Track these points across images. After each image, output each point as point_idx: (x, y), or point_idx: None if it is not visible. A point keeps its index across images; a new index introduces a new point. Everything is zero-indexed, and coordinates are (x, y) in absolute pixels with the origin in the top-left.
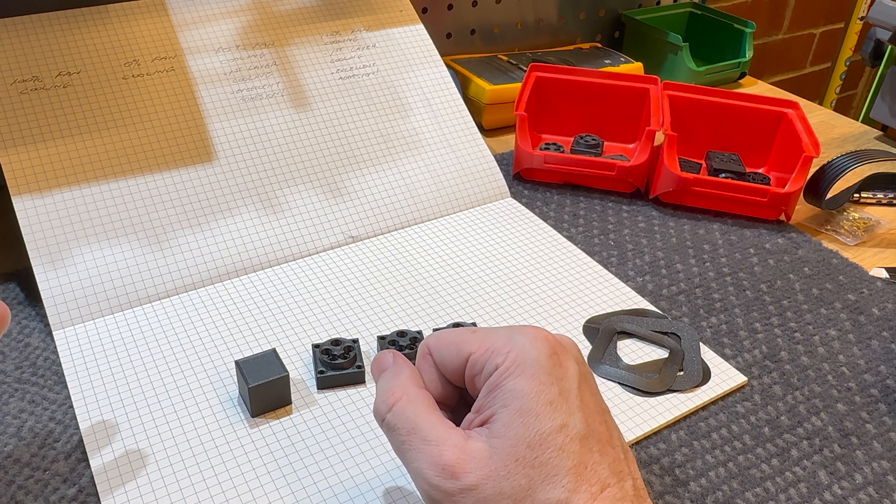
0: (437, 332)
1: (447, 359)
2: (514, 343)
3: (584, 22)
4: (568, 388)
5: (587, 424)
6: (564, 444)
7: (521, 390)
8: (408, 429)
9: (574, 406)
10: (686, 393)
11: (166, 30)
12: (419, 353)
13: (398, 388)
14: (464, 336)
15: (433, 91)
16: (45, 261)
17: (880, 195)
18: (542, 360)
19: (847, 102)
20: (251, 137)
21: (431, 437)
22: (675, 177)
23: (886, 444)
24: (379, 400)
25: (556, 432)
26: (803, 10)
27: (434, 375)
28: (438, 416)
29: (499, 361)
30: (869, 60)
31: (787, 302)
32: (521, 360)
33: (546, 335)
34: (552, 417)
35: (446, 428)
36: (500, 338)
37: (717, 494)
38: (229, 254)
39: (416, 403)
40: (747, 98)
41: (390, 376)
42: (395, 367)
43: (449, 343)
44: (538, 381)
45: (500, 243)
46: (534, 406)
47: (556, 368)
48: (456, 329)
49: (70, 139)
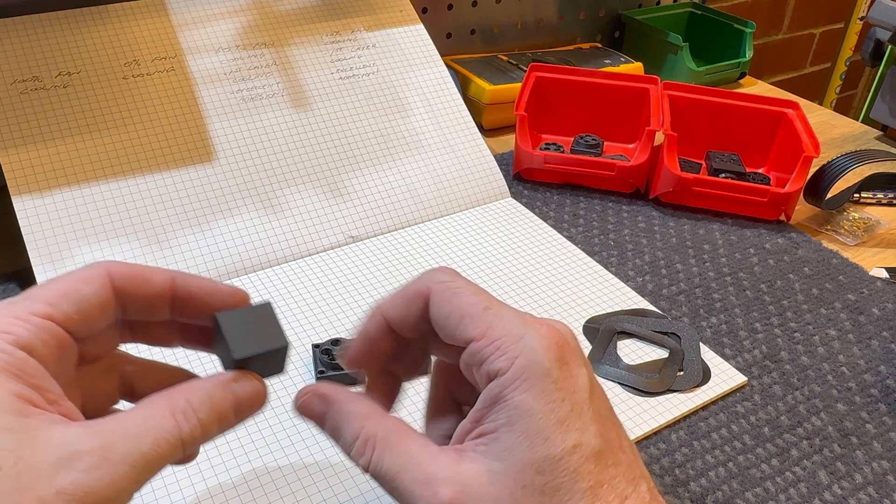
0: (440, 275)
1: (442, 321)
2: (524, 345)
3: (584, 22)
4: (580, 401)
5: (602, 438)
6: (579, 466)
7: (528, 408)
8: (392, 476)
9: (587, 420)
10: (686, 393)
11: (166, 30)
12: (408, 291)
13: (362, 436)
14: (472, 308)
15: (433, 91)
16: (45, 261)
17: (880, 195)
18: (552, 371)
19: (847, 102)
20: (251, 137)
21: (420, 476)
22: (675, 177)
23: (886, 444)
24: (353, 454)
25: (570, 454)
26: (803, 10)
27: (405, 317)
28: (418, 443)
29: (503, 366)
30: (869, 60)
31: (787, 302)
32: (528, 372)
33: (556, 336)
34: (564, 438)
35: (433, 457)
36: (508, 331)
37: (717, 494)
38: (229, 254)
39: (391, 444)
40: (747, 98)
41: (345, 423)
42: (338, 410)
43: (453, 309)
44: (547, 397)
45: (500, 243)
46: (542, 427)
47: (567, 380)
48: (463, 289)
49: (70, 139)
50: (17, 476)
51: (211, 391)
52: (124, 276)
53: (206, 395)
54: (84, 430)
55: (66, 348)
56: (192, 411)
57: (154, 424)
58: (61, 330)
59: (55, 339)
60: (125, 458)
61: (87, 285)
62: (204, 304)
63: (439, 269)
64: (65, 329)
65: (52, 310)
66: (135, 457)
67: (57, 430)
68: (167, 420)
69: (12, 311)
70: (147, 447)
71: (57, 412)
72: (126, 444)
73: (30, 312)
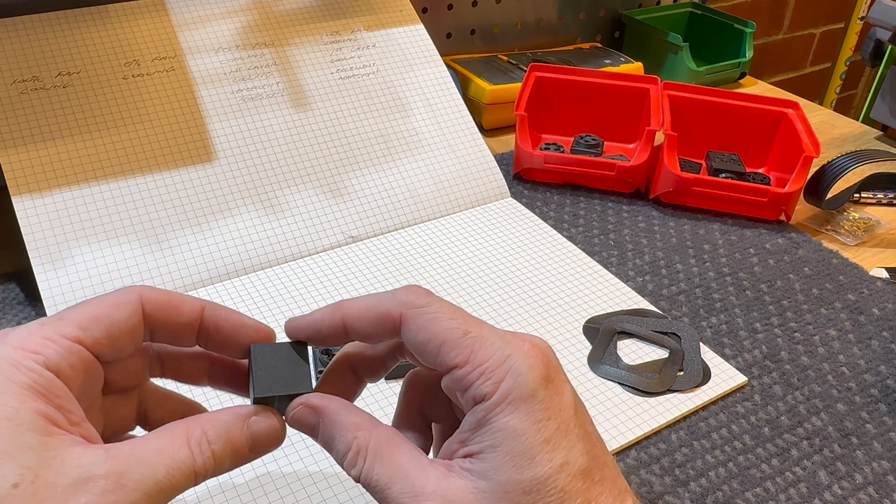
0: (413, 298)
1: (420, 347)
2: (508, 368)
3: (584, 22)
4: (566, 419)
5: (588, 455)
6: (566, 485)
7: (514, 429)
8: (382, 486)
9: (573, 438)
10: (686, 393)
11: (166, 30)
12: (377, 310)
13: (353, 447)
14: (451, 334)
15: (433, 91)
16: (45, 261)
17: (880, 195)
18: (538, 392)
19: (847, 102)
20: (251, 137)
21: (408, 489)
22: (675, 177)
23: (886, 444)
24: (345, 464)
25: (556, 473)
26: (803, 10)
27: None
28: (408, 455)
29: (488, 390)
30: (869, 60)
31: (787, 302)
32: (514, 395)
33: (541, 355)
34: (550, 458)
35: (421, 469)
36: (491, 354)
37: (717, 494)
38: (229, 254)
39: (382, 455)
40: (747, 98)
41: (337, 434)
42: (330, 421)
43: (431, 336)
44: (533, 417)
45: (500, 243)
46: (528, 447)
47: (552, 398)
48: (439, 313)
49: (70, 139)
50: (33, 494)
51: (228, 424)
52: (156, 303)
53: (223, 429)
54: (102, 454)
55: (91, 372)
56: (208, 443)
57: (170, 454)
58: (89, 354)
59: (82, 363)
60: (139, 486)
61: (118, 311)
62: (230, 336)
63: (411, 290)
64: (92, 353)
65: (82, 333)
66: (149, 485)
67: (76, 452)
68: (183, 450)
69: (43, 331)
70: (161, 475)
71: (78, 434)
72: (141, 472)
73: (60, 335)
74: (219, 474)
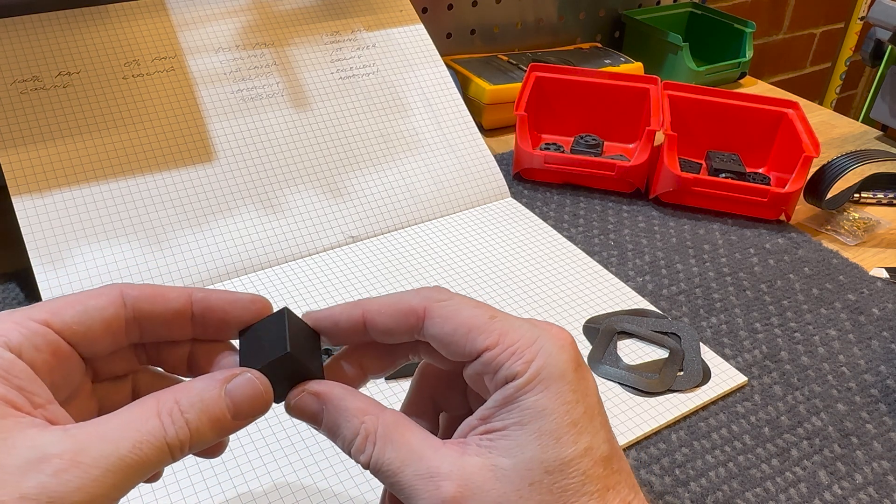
0: (436, 294)
1: (447, 338)
2: (539, 348)
3: (584, 22)
4: (592, 405)
5: (610, 444)
6: (588, 470)
7: (543, 409)
8: (394, 471)
9: (598, 424)
10: (686, 393)
11: (166, 30)
12: (400, 305)
13: (362, 432)
14: (478, 321)
15: (433, 91)
16: (45, 261)
17: (880, 195)
18: (568, 373)
19: (847, 102)
20: (251, 137)
21: (422, 471)
22: (675, 177)
23: (886, 444)
24: (353, 451)
25: (581, 456)
26: (803, 10)
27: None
28: (419, 436)
29: (519, 369)
30: (869, 60)
31: (787, 302)
32: (546, 374)
33: (571, 341)
34: (576, 440)
35: (435, 450)
36: (522, 336)
37: (718, 494)
38: (229, 254)
39: (392, 438)
40: (747, 98)
41: (343, 420)
42: (335, 407)
43: (458, 324)
44: (562, 398)
45: (500, 243)
46: (555, 427)
47: (581, 383)
48: (463, 303)
49: (70, 139)
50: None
51: (202, 391)
52: (138, 295)
53: (197, 396)
54: (59, 434)
55: (63, 356)
56: (180, 413)
57: (137, 427)
58: (58, 337)
59: (49, 346)
60: (98, 463)
61: (93, 299)
62: (225, 313)
63: (434, 288)
64: (64, 338)
65: (51, 317)
66: (112, 461)
67: (31, 433)
68: (151, 421)
69: (12, 317)
70: (126, 450)
71: (42, 416)
72: (102, 448)
73: (27, 318)
74: (202, 446)
